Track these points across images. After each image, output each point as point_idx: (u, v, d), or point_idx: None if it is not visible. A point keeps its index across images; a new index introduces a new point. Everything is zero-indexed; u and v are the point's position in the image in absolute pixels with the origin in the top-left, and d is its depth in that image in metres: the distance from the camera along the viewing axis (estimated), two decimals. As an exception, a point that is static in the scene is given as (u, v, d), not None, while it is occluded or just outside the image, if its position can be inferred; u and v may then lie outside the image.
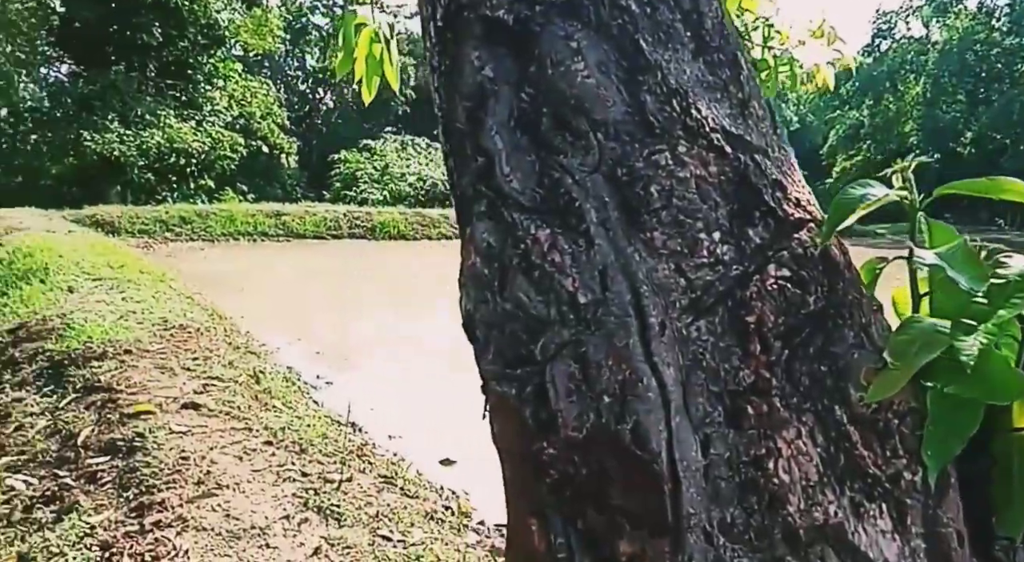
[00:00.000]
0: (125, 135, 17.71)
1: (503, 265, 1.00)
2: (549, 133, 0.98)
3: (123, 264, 7.61)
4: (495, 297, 1.01)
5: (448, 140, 1.18)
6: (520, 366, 0.95)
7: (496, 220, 1.02)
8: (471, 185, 1.08)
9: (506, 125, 1.02)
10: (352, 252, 15.35)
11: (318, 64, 40.58)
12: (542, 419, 0.91)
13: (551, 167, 0.97)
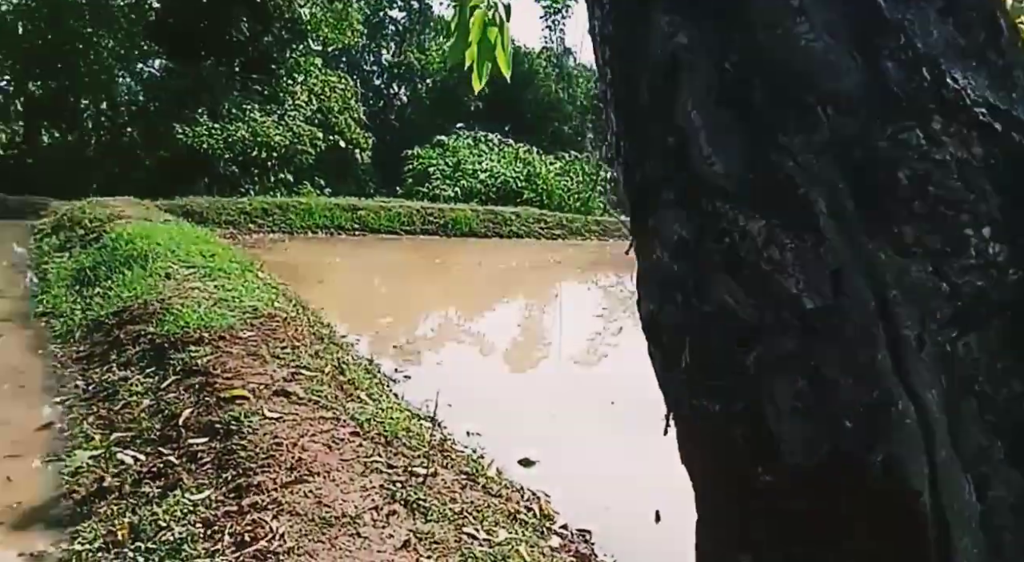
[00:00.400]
0: (213, 128, 18.29)
1: (700, 262, 0.87)
2: (762, 108, 0.84)
3: (214, 253, 7.80)
4: (689, 298, 0.88)
5: (624, 120, 1.05)
6: (727, 378, 0.82)
7: (691, 209, 0.89)
8: (657, 170, 0.95)
9: (705, 100, 0.89)
10: (424, 248, 15.44)
11: (394, 59, 41.06)
12: (757, 441, 0.78)
13: (765, 147, 0.83)
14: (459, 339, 8.83)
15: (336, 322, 8.29)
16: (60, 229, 10.59)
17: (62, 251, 9.21)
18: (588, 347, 8.77)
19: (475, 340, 8.96)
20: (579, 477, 4.86)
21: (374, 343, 7.55)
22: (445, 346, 8.25)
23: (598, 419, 5.99)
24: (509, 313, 10.83)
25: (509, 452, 4.88)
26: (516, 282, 13.68)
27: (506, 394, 6.60)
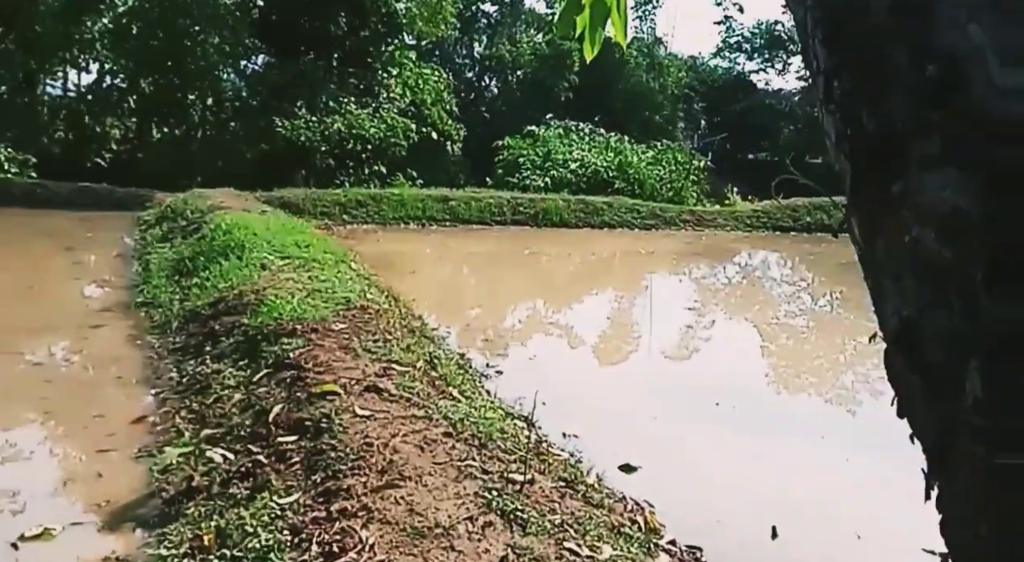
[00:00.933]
0: (310, 121, 18.70)
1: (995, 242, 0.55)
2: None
3: (309, 243, 7.82)
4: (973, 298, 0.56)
5: (842, 50, 0.73)
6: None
7: (970, 167, 0.57)
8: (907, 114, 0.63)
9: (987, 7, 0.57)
10: (514, 238, 15.26)
11: (485, 51, 41.15)
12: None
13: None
14: (548, 331, 8.57)
15: (427, 313, 8.21)
16: (164, 220, 10.98)
17: (164, 242, 9.51)
18: (679, 341, 8.49)
19: (564, 332, 8.68)
20: (685, 485, 4.53)
21: (464, 335, 7.38)
22: (535, 338, 8.02)
23: (701, 420, 5.66)
24: (598, 305, 10.51)
25: (608, 456, 4.59)
26: (606, 273, 13.32)
27: (600, 390, 6.32)
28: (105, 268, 8.77)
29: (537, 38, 42.32)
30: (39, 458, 3.96)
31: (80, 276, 8.26)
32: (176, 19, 19.30)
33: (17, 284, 7.99)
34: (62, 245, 10.29)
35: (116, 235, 11.26)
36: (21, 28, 26.39)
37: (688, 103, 43.28)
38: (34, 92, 28.44)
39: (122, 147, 27.66)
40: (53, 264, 8.81)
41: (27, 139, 26.36)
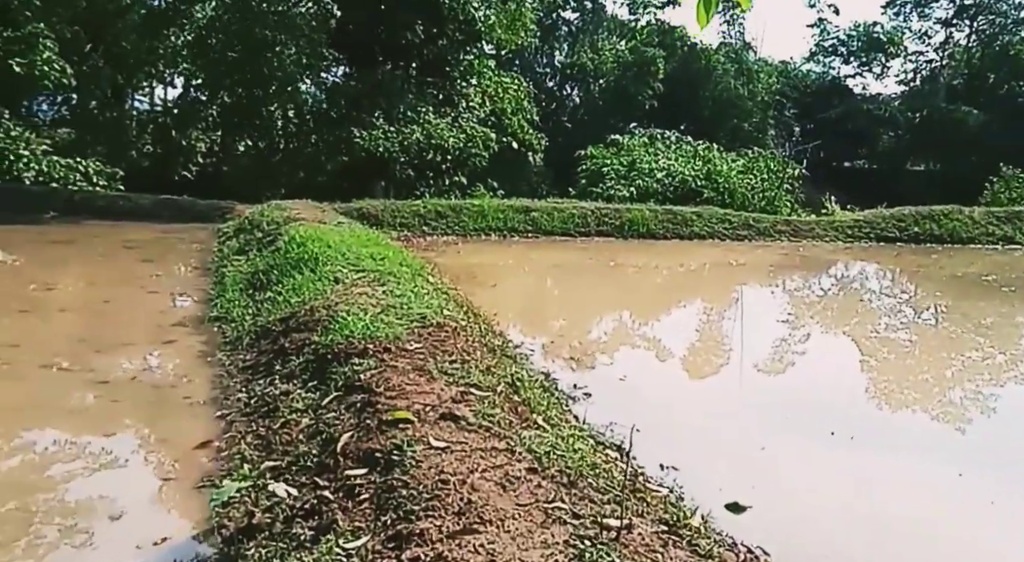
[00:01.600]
0: (389, 132, 18.78)
1: None
2: None
3: (384, 256, 7.60)
4: None
5: None
6: None
7: None
8: None
9: None
10: (599, 250, 14.79)
11: (566, 60, 40.89)
12: None
13: None
14: (636, 345, 8.08)
15: (509, 329, 7.85)
16: (241, 232, 11.05)
17: (241, 254, 9.51)
18: (773, 354, 8.10)
19: (652, 345, 8.18)
20: (802, 528, 4.01)
21: (548, 352, 6.97)
22: (622, 353, 7.56)
23: (810, 445, 5.15)
24: (687, 317, 9.95)
25: (712, 490, 4.11)
26: (694, 285, 12.67)
27: (694, 409, 5.82)
28: (182, 281, 8.81)
29: (620, 45, 41.81)
30: (97, 487, 3.77)
31: (157, 289, 8.29)
32: (255, 30, 19.75)
33: (94, 298, 8.08)
34: (141, 257, 10.47)
35: (195, 247, 11.42)
36: (108, 44, 27.63)
37: (779, 110, 41.82)
38: (122, 107, 29.78)
39: (208, 160, 28.73)
40: (131, 277, 8.91)
41: (116, 153, 27.58)
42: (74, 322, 6.99)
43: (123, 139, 26.39)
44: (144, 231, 13.29)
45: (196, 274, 9.32)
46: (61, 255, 10.90)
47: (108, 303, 7.79)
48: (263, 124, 23.66)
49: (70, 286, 8.66)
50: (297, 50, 19.33)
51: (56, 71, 19.34)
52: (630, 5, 42.35)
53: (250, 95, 22.45)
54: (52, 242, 11.91)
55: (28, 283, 8.57)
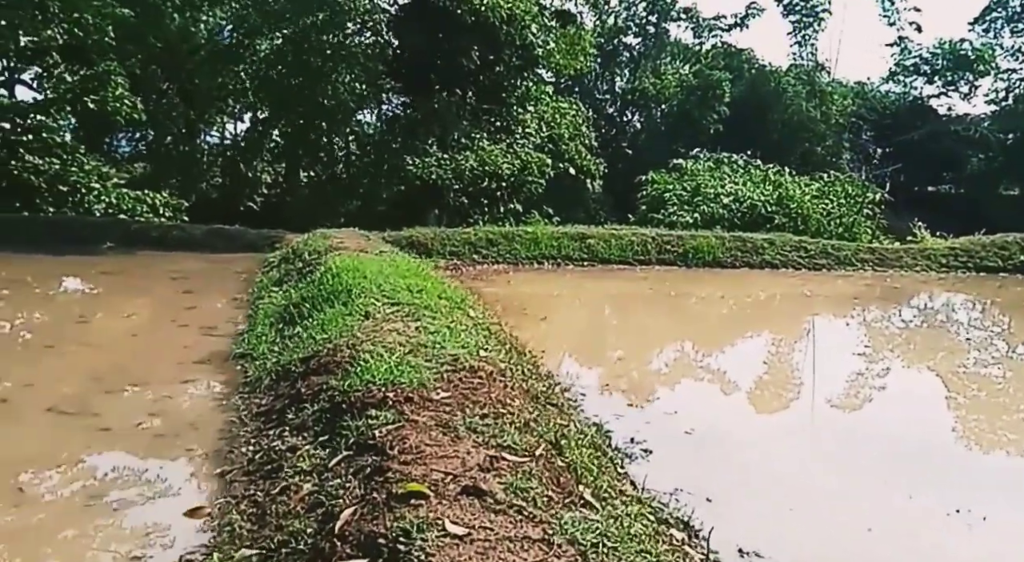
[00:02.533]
0: (442, 159, 18.41)
1: None
2: None
3: (423, 288, 7.00)
4: None
5: None
6: None
7: None
8: None
9: None
10: (660, 279, 13.96)
11: (627, 85, 40.28)
12: None
13: None
14: (700, 387, 7.23)
15: (558, 368, 7.13)
16: (284, 262, 10.68)
17: (279, 285, 9.08)
18: (848, 389, 7.46)
19: (719, 387, 7.32)
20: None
21: (601, 395, 6.21)
22: (684, 395, 6.74)
23: (886, 485, 4.59)
24: (754, 351, 9.09)
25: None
26: (763, 316, 11.69)
27: (771, 462, 4.98)
28: (217, 314, 8.41)
29: (683, 69, 40.99)
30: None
31: (188, 322, 7.89)
32: (312, 61, 19.84)
33: (123, 331, 7.73)
34: (183, 288, 10.18)
35: (240, 277, 11.10)
36: (182, 81, 28.61)
37: (855, 132, 40.18)
38: (194, 141, 30.76)
39: (272, 191, 29.20)
40: (166, 309, 8.58)
41: (187, 185, 28.37)
42: (95, 359, 6.59)
43: (194, 172, 27.11)
44: (193, 261, 13.11)
45: (233, 306, 8.92)
46: (105, 287, 10.73)
47: (136, 337, 7.41)
48: (321, 154, 23.78)
49: (104, 319, 8.36)
50: (352, 79, 19.28)
51: (128, 107, 19.86)
52: (694, 29, 41.58)
53: (309, 126, 22.60)
54: (102, 273, 11.78)
55: (63, 316, 8.32)
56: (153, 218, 20.54)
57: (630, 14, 40.28)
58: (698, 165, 24.30)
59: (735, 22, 40.59)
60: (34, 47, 17.01)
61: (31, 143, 18.16)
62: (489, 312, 8.32)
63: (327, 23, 19.56)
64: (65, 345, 7.06)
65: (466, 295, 7.83)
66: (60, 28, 17.62)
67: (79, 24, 17.63)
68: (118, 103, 19.65)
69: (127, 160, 30.99)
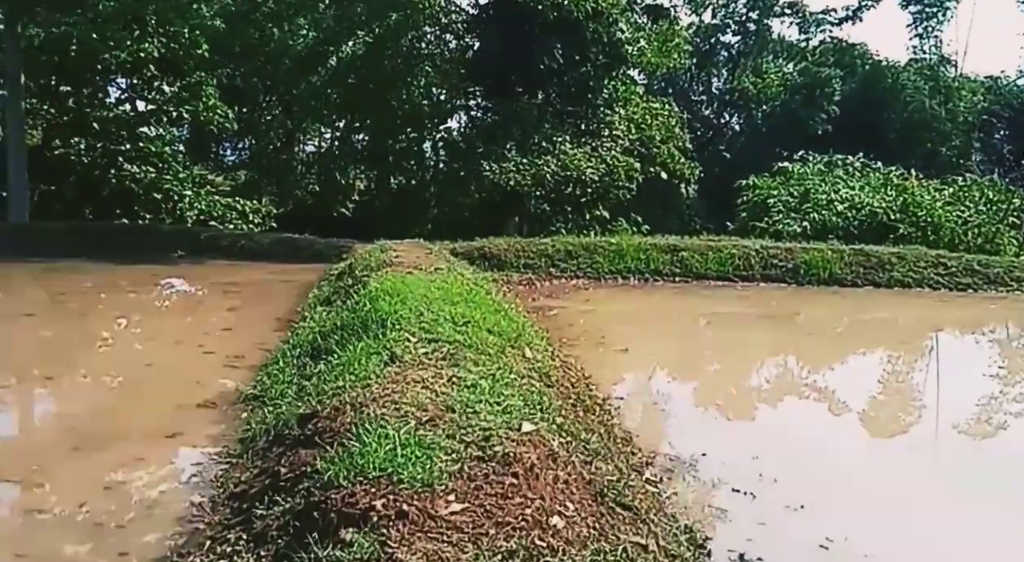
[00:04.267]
0: (521, 164, 17.10)
1: None
2: None
3: (471, 319, 5.69)
4: None
5: None
6: None
7: None
8: None
9: None
10: (765, 299, 12.20)
11: (725, 86, 37.96)
12: None
13: None
14: (836, 467, 5.56)
15: (638, 422, 5.68)
16: (341, 277, 9.63)
17: (325, 305, 8.00)
18: (978, 413, 6.57)
19: (857, 462, 5.60)
20: None
21: (697, 470, 4.68)
22: (812, 478, 5.08)
23: None
24: (893, 400, 7.28)
25: None
26: (892, 339, 9.78)
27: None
28: (252, 337, 7.39)
29: (787, 67, 38.30)
30: None
31: (216, 348, 6.89)
32: (387, 65, 19.05)
33: (139, 359, 6.81)
34: (230, 304, 9.29)
35: (295, 292, 10.15)
36: (281, 92, 28.67)
37: (986, 132, 36.41)
38: (291, 149, 30.91)
39: (364, 197, 28.88)
40: (200, 330, 7.66)
41: (285, 192, 28.44)
42: (87, 398, 5.65)
43: (290, 179, 27.19)
44: (255, 272, 12.34)
45: (274, 327, 7.89)
46: (148, 303, 9.99)
47: (149, 367, 6.45)
48: (403, 161, 23.04)
49: (125, 341, 7.50)
50: (428, 83, 18.35)
51: (220, 116, 19.77)
52: (800, 24, 38.74)
53: (390, 132, 21.88)
54: (156, 285, 11.15)
55: (89, 335, 7.51)
56: (243, 225, 20.37)
57: (728, 11, 37.94)
58: (807, 168, 22.13)
59: (846, 15, 37.52)
60: (132, 60, 17.03)
61: (129, 152, 18.34)
62: (555, 345, 6.95)
63: (401, 24, 18.66)
64: (66, 376, 6.19)
65: (525, 326, 6.49)
66: (158, 42, 17.60)
67: (174, 38, 17.59)
68: (210, 113, 19.60)
69: (232, 168, 31.67)
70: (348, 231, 26.65)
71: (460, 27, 19.88)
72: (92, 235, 14.13)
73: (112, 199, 17.21)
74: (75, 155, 17.25)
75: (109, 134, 17.77)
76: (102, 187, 17.21)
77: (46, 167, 16.76)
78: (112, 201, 17.19)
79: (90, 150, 17.43)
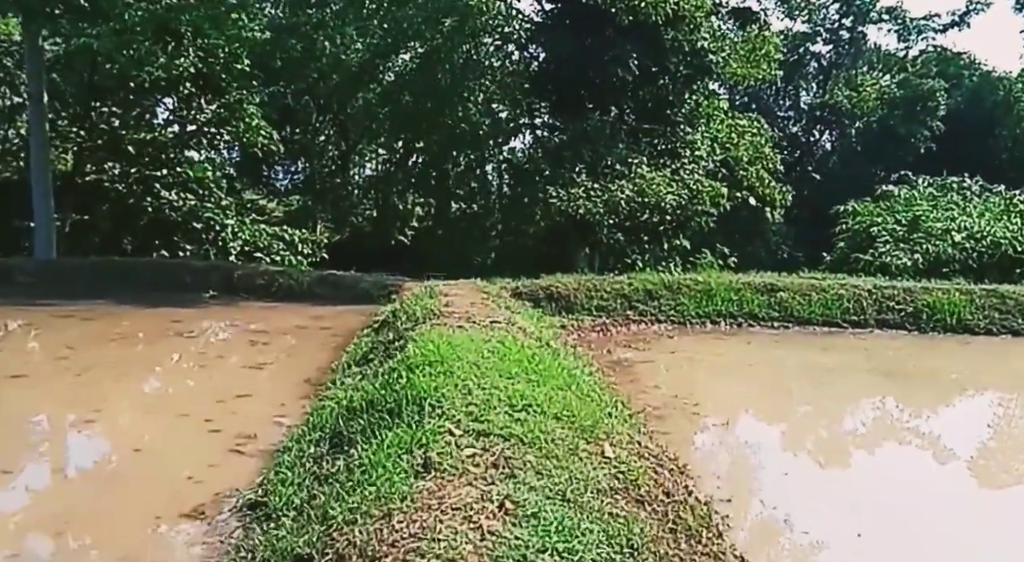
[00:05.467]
0: (592, 190, 16.00)
1: None
2: None
3: (533, 401, 4.60)
4: None
5: None
6: None
7: None
8: None
9: None
10: (884, 350, 10.78)
11: (815, 100, 36.18)
12: None
13: None
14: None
15: (751, 540, 4.49)
16: (384, 327, 8.68)
17: (361, 365, 7.03)
18: None
19: None
20: None
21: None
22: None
23: None
24: None
25: None
26: None
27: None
28: (271, 408, 6.46)
29: (884, 79, 36.29)
30: None
31: (225, 424, 5.95)
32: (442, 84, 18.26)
33: (127, 441, 5.88)
34: (254, 361, 8.38)
35: (332, 344, 9.24)
36: (335, 112, 28.46)
37: None
38: (346, 173, 30.68)
39: (423, 223, 28.32)
40: (211, 398, 6.74)
41: (340, 219, 28.10)
42: (41, 504, 4.73)
43: (345, 205, 26.80)
44: (291, 315, 11.54)
45: (299, 393, 6.95)
46: (163, 356, 9.10)
47: (138, 453, 5.53)
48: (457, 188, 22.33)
49: (119, 414, 6.61)
50: (488, 98, 17.48)
51: (264, 137, 19.34)
52: (899, 31, 36.73)
53: (445, 153, 21.18)
54: (175, 334, 10.16)
55: (79, 406, 6.59)
56: (291, 256, 19.82)
57: (818, 18, 36.26)
58: (914, 192, 20.44)
59: (951, 21, 35.46)
60: (166, 77, 16.61)
61: (166, 178, 17.91)
62: (640, 419, 5.77)
63: (457, 32, 17.84)
64: (31, 466, 5.36)
65: (603, 403, 5.32)
66: (195, 56, 17.16)
67: (211, 51, 17.14)
68: (253, 134, 19.17)
69: (284, 193, 31.51)
70: (405, 261, 26.10)
71: (523, 36, 18.95)
72: (119, 272, 13.54)
73: (150, 229, 16.69)
74: (108, 181, 16.83)
75: (144, 158, 17.30)
76: (138, 216, 16.73)
77: (77, 195, 16.37)
78: (150, 231, 16.67)
79: (125, 176, 16.99)
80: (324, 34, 21.12)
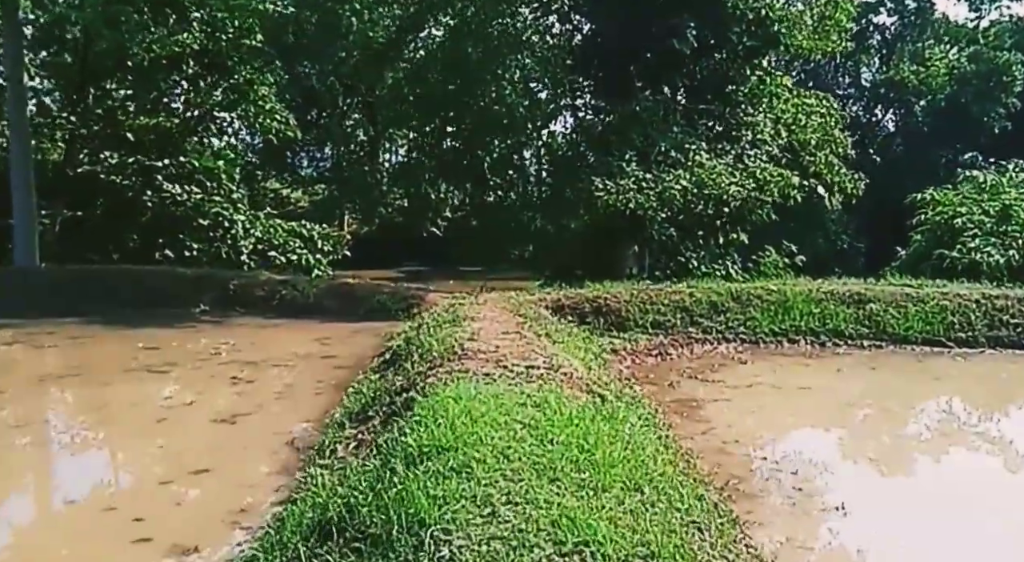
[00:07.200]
0: (644, 179, 14.24)
1: None
2: None
3: (589, 534, 3.01)
4: None
5: None
6: None
7: None
8: None
9: None
10: (998, 374, 8.98)
11: (878, 76, 33.75)
12: None
13: None
14: None
15: None
16: (396, 359, 7.14)
17: (360, 422, 5.49)
18: None
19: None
20: None
21: None
22: None
23: None
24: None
25: None
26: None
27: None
28: (233, 489, 4.97)
29: (954, 53, 33.73)
30: None
31: (156, 531, 4.26)
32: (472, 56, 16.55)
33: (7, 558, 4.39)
34: (228, 410, 6.82)
35: (334, 380, 7.74)
36: (363, 96, 27.04)
37: None
38: (375, 160, 29.27)
39: (457, 213, 26.86)
40: (161, 470, 5.26)
41: (369, 209, 26.71)
42: None
43: (374, 194, 25.44)
44: (291, 338, 10.10)
45: (276, 467, 5.38)
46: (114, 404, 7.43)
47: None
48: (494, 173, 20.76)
49: (14, 509, 5.01)
50: (525, 77, 15.81)
51: (279, 123, 17.95)
52: (970, 0, 34.08)
53: (479, 137, 19.61)
54: (141, 368, 8.39)
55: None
56: (309, 255, 18.40)
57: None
58: (1003, 178, 18.40)
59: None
60: (168, 55, 15.20)
61: (168, 168, 16.53)
62: (712, 487, 4.12)
63: (490, 1, 16.15)
64: None
65: (687, 511, 3.69)
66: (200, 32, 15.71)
67: (216, 26, 15.68)
68: (267, 119, 17.78)
69: (310, 182, 30.17)
70: (438, 254, 24.67)
71: (565, 5, 17.15)
72: (104, 282, 12.15)
73: (152, 227, 15.26)
74: (104, 172, 15.36)
75: (144, 146, 15.81)
76: (138, 212, 15.29)
77: (69, 188, 14.96)
78: (152, 229, 15.24)
79: (123, 166, 15.48)
80: (349, 6, 19.62)
